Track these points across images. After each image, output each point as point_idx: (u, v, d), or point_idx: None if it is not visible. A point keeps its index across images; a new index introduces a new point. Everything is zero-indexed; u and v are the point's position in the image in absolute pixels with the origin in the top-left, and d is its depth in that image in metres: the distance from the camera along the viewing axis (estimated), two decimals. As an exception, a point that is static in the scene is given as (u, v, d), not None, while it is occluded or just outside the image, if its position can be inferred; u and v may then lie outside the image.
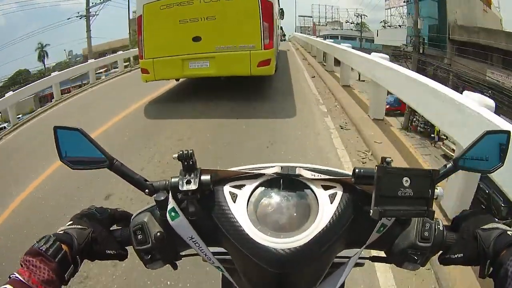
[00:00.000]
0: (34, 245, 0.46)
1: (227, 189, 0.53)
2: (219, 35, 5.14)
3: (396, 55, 21.64)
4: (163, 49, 5.39)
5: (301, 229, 0.49)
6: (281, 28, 17.45)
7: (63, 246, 0.48)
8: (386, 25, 32.80)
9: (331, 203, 0.51)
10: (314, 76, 8.44)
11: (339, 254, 0.56)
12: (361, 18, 39.00)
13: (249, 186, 0.53)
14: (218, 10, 5.11)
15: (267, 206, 0.52)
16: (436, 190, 0.48)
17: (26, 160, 4.57)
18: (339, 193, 0.52)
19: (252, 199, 0.52)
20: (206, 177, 0.52)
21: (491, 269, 0.48)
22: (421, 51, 20.38)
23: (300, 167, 0.55)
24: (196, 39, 5.22)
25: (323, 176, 0.54)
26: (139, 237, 0.53)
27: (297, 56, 13.51)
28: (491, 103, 2.12)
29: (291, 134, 4.22)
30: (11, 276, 0.43)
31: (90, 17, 28.43)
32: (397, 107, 15.62)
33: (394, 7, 30.63)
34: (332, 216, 0.50)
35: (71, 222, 0.53)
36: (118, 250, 0.55)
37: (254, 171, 0.55)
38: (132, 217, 0.56)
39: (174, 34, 5.29)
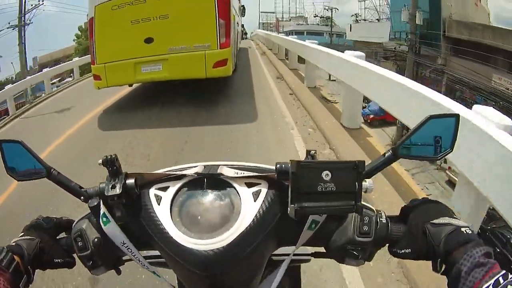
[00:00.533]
0: None
1: (152, 191, 0.53)
2: (172, 35, 4.70)
3: (388, 56, 19.96)
4: (115, 53, 4.96)
5: (224, 229, 0.48)
6: (242, 25, 17.03)
7: (15, 257, 0.48)
8: (358, 19, 29.24)
9: (254, 201, 0.50)
10: (279, 78, 7.70)
11: (277, 252, 0.56)
12: (332, 11, 35.19)
13: (172, 188, 0.52)
14: (171, 8, 4.68)
15: (190, 207, 0.51)
16: (364, 183, 0.47)
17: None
18: (264, 190, 0.51)
19: (176, 200, 0.52)
20: (130, 181, 0.51)
21: (444, 266, 0.44)
22: (417, 51, 16.28)
23: (224, 165, 0.54)
24: (148, 40, 4.77)
25: (246, 174, 0.52)
26: (79, 244, 0.53)
27: (258, 54, 12.67)
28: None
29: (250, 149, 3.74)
30: None
31: (24, 27, 24.01)
32: (382, 116, 13.00)
33: None
34: (256, 215, 0.49)
35: (22, 233, 0.54)
36: (65, 258, 0.55)
37: (177, 172, 0.54)
38: (73, 224, 0.56)
39: (126, 37, 4.86)
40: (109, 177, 0.52)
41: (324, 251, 0.54)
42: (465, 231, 0.44)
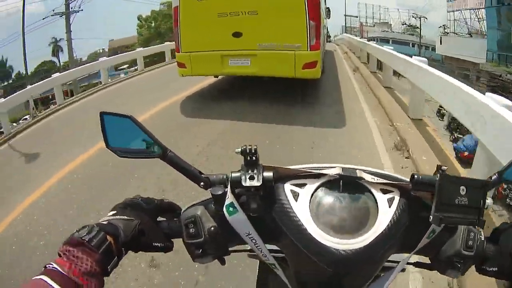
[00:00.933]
0: (74, 234, 0.44)
1: (288, 187, 0.53)
2: (261, 31, 4.83)
3: (493, 85, 14.89)
4: (201, 43, 5.15)
5: (361, 232, 0.49)
6: (327, 28, 16.61)
7: (108, 237, 0.46)
8: (446, 31, 25.24)
9: (389, 207, 0.51)
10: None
11: (388, 259, 0.56)
12: (420, 20, 29.61)
13: (311, 186, 0.53)
14: (260, 5, 4.80)
15: (328, 206, 0.51)
16: (487, 200, 0.49)
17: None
18: (397, 198, 0.52)
19: (314, 198, 0.52)
20: (268, 174, 0.51)
21: None
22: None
23: (361, 169, 0.55)
24: (237, 34, 4.94)
25: (382, 180, 0.53)
26: (191, 230, 0.52)
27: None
28: None
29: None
30: (47, 266, 0.40)
31: (72, 14, 24.92)
32: None
33: (458, 10, 23.19)
34: (390, 220, 0.50)
35: (115, 212, 0.51)
36: (165, 243, 0.54)
37: (315, 171, 0.54)
38: (183, 210, 0.56)
39: (212, 28, 5.02)
40: (245, 167, 0.51)
41: (427, 261, 0.58)
42: None
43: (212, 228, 0.53)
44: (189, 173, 0.54)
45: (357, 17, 45.15)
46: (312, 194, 0.52)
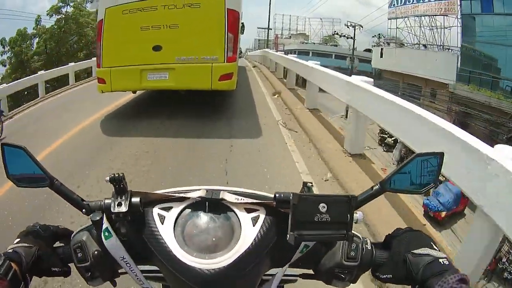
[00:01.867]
0: None
1: (156, 211, 0.55)
2: (180, 45, 4.76)
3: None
4: (122, 57, 5.00)
5: (225, 251, 0.51)
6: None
7: (12, 264, 0.48)
8: (385, 41, 21.71)
9: (253, 225, 0.53)
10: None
11: (268, 272, 0.59)
12: (354, 29, 26.37)
13: (176, 209, 0.55)
14: (181, 18, 4.76)
15: (192, 228, 0.54)
16: (355, 215, 0.50)
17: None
18: (262, 216, 0.54)
19: (179, 221, 0.54)
20: (136, 200, 0.53)
21: None
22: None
23: (225, 190, 0.57)
24: (157, 48, 4.83)
25: (246, 200, 0.55)
26: (79, 255, 0.54)
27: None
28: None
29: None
30: None
31: None
32: (454, 210, 8.52)
33: (402, 18, 19.40)
34: (255, 238, 0.52)
35: (19, 239, 0.54)
36: (62, 267, 0.56)
37: (181, 194, 0.57)
38: (72, 235, 0.57)
39: (134, 42, 4.92)
40: (115, 194, 0.54)
41: (312, 273, 0.59)
42: (442, 262, 0.48)
43: (96, 252, 0.54)
44: (72, 200, 0.57)
45: (271, 29, 42.29)
46: (177, 217, 0.54)
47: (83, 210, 0.57)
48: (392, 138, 10.59)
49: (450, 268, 0.48)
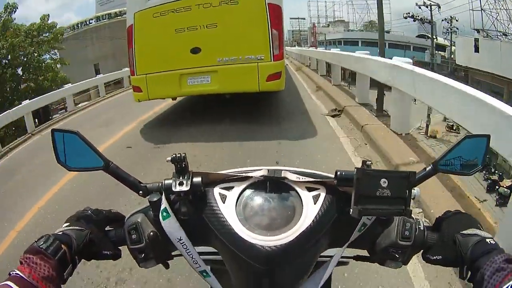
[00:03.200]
0: (33, 244, 0.48)
1: (217, 190, 0.56)
2: (221, 45, 4.45)
3: None
4: (158, 63, 4.73)
5: (286, 228, 0.51)
6: None
7: (62, 246, 0.49)
8: (485, 30, 15.01)
9: (314, 203, 0.54)
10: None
11: (322, 254, 0.59)
12: (431, 9, 19.80)
13: (238, 188, 0.56)
14: (219, 17, 4.43)
15: (254, 206, 0.54)
16: (413, 191, 0.51)
17: None
18: (322, 195, 0.55)
19: (241, 200, 0.55)
20: (197, 179, 0.55)
21: (469, 273, 0.49)
22: None
23: (286, 170, 0.58)
24: (195, 50, 4.53)
25: (307, 179, 0.56)
26: (133, 236, 0.55)
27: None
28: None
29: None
30: (11, 273, 0.44)
31: None
32: None
33: None
34: (316, 216, 0.53)
35: (68, 223, 0.55)
36: (113, 250, 0.57)
37: (242, 174, 0.58)
38: (126, 218, 0.58)
39: (169, 46, 4.64)
40: (176, 174, 0.55)
41: (367, 254, 0.60)
42: (489, 241, 0.49)
43: (152, 233, 0.54)
44: (129, 182, 0.58)
45: (303, 19, 39.80)
46: (239, 196, 0.55)
47: (140, 192, 0.58)
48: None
49: (497, 248, 0.48)
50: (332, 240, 0.57)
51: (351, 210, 0.48)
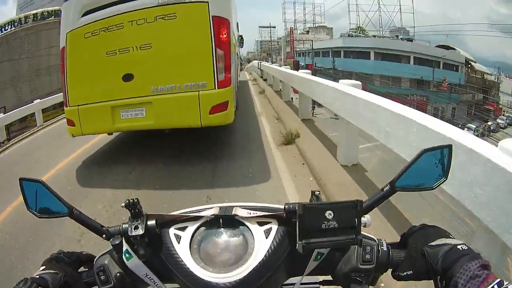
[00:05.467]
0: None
1: (172, 231, 0.58)
2: (156, 70, 3.65)
3: None
4: (89, 93, 3.96)
5: (239, 264, 0.53)
6: (240, 57, 12.69)
7: None
8: None
9: (266, 237, 0.55)
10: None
11: (287, 282, 0.61)
12: None
13: (191, 228, 0.58)
14: (154, 35, 3.64)
15: (208, 245, 0.56)
16: (363, 219, 0.52)
17: None
18: (274, 228, 0.56)
19: (195, 239, 0.57)
20: (151, 222, 0.57)
21: (444, 282, 0.48)
22: None
23: (237, 206, 0.60)
24: (127, 77, 3.73)
25: (258, 213, 0.58)
26: (102, 278, 0.58)
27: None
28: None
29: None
30: None
31: None
32: None
33: None
34: (268, 250, 0.54)
35: (44, 267, 0.57)
36: None
37: (195, 214, 0.60)
38: (95, 260, 0.61)
39: (100, 72, 3.87)
40: (132, 218, 0.57)
41: (331, 279, 0.60)
42: (461, 247, 0.48)
43: (118, 274, 0.58)
44: (92, 227, 0.61)
45: (274, 27, 34.64)
46: (193, 235, 0.57)
47: (103, 235, 0.60)
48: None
49: (470, 253, 0.47)
50: (291, 270, 0.58)
51: (297, 245, 0.49)
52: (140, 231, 0.55)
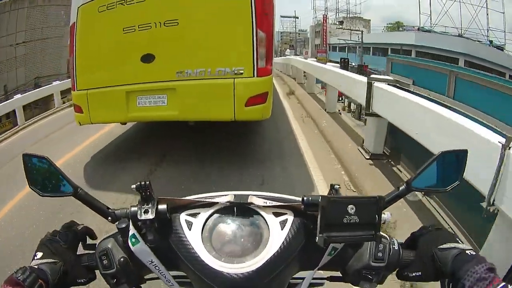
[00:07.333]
0: (12, 275, 0.48)
1: (183, 217, 0.57)
2: (183, 51, 3.08)
3: None
4: (101, 75, 3.42)
5: (253, 255, 0.52)
6: None
7: (39, 279, 0.50)
8: None
9: (281, 229, 0.54)
10: None
11: (296, 276, 0.60)
12: None
13: (204, 214, 0.57)
14: (182, 10, 3.07)
15: (220, 233, 0.55)
16: (383, 215, 0.51)
17: None
18: (290, 219, 0.55)
19: (207, 226, 0.55)
20: (162, 206, 0.55)
21: (451, 285, 0.49)
22: None
23: (253, 195, 0.59)
24: (147, 58, 3.16)
25: (274, 203, 0.57)
26: (104, 262, 0.55)
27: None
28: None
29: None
30: None
31: None
32: None
33: None
34: (283, 242, 0.53)
35: (41, 253, 0.54)
36: (88, 276, 0.58)
37: (208, 200, 0.58)
38: (97, 243, 0.59)
39: (116, 51, 3.33)
40: (142, 201, 0.55)
41: (340, 275, 0.60)
42: (469, 253, 0.49)
43: (122, 259, 0.55)
44: (97, 208, 0.59)
45: (297, 17, 29.65)
46: (205, 223, 0.56)
47: (109, 218, 0.58)
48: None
49: (477, 257, 0.48)
50: (302, 263, 0.57)
51: (317, 238, 0.47)
52: (150, 216, 0.53)
